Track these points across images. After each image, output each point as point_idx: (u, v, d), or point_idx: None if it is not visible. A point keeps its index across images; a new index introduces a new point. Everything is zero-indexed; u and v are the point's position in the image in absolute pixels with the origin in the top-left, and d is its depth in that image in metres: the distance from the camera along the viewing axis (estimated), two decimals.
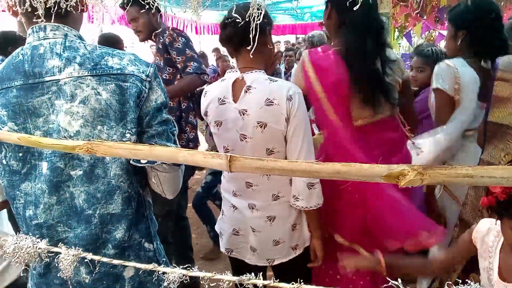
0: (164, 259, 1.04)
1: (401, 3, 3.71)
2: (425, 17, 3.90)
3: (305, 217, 1.40)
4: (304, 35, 7.18)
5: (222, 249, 1.50)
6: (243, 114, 1.28)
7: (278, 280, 0.69)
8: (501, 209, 0.98)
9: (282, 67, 5.41)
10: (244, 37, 1.24)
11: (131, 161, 0.90)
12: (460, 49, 1.69)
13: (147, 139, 0.93)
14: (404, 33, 4.36)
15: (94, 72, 0.87)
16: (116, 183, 0.90)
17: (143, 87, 0.90)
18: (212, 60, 6.24)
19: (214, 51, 6.56)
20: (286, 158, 1.31)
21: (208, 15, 7.21)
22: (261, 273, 0.74)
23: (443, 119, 1.64)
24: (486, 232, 1.12)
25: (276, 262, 1.39)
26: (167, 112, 0.97)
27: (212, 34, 8.15)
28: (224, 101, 1.32)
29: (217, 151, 1.43)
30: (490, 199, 0.99)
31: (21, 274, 1.35)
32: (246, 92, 1.28)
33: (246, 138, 1.30)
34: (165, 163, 0.92)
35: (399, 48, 5.15)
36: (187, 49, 2.06)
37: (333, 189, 1.45)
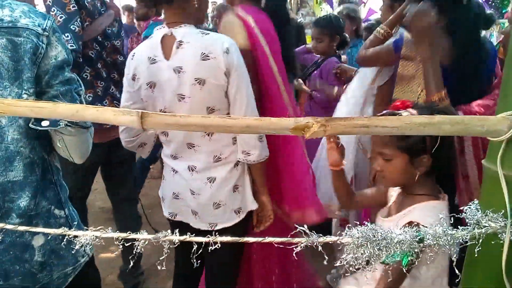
0: (78, 226, 1.01)
1: None
2: None
3: (247, 178, 1.40)
4: None
5: (166, 213, 1.47)
6: (179, 72, 1.21)
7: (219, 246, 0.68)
8: None
9: None
10: None
11: (30, 124, 0.84)
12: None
13: (47, 100, 0.87)
14: None
15: None
16: (15, 148, 0.84)
17: (40, 42, 0.83)
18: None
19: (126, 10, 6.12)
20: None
21: None
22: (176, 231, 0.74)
23: None
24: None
25: (219, 227, 1.37)
26: (69, 70, 0.91)
27: None
28: (155, 59, 1.24)
29: None
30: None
31: None
32: (178, 47, 1.21)
33: (184, 98, 1.24)
34: (70, 126, 0.87)
35: (321, 11, 5.30)
36: None
37: None
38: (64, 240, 0.95)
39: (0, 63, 0.80)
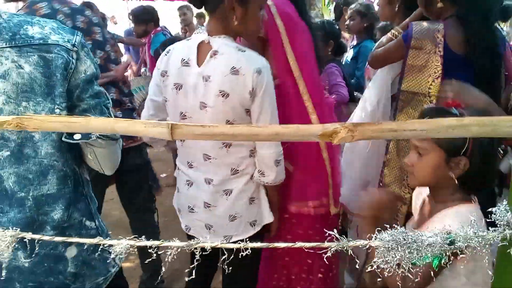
0: (108, 237, 1.04)
1: None
2: None
3: (263, 191, 1.41)
4: None
5: (182, 226, 1.49)
6: (206, 81, 1.23)
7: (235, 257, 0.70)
8: None
9: None
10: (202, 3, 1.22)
11: (63, 138, 0.87)
12: (396, 15, 1.79)
13: (79, 114, 0.90)
14: None
15: (14, 43, 0.82)
16: (49, 162, 0.87)
17: (70, 58, 0.86)
18: None
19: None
20: None
21: None
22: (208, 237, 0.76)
23: None
24: (417, 193, 1.25)
25: (233, 239, 1.38)
26: (98, 84, 0.94)
27: None
28: (188, 63, 1.26)
29: None
30: None
31: None
32: (212, 57, 1.23)
33: (206, 106, 1.25)
34: (101, 138, 0.90)
35: (329, 13, 5.30)
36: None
37: None
38: (96, 251, 0.98)
39: (33, 79, 0.83)
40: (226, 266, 0.73)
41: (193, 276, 1.65)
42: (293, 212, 1.59)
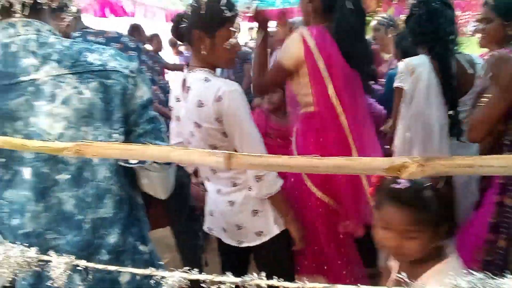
0: (159, 261, 1.03)
1: None
2: (396, 1, 3.98)
3: (268, 203, 1.45)
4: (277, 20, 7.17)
5: (205, 227, 1.62)
6: (187, 113, 1.39)
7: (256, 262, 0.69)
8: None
9: None
10: (178, 36, 1.38)
11: (120, 162, 0.88)
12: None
13: (134, 139, 0.91)
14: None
15: (74, 69, 0.84)
16: (106, 186, 0.89)
17: (128, 84, 0.88)
18: None
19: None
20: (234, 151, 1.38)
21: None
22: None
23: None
24: None
25: (243, 245, 1.49)
26: (153, 108, 0.95)
27: None
28: (178, 98, 1.44)
29: None
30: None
31: (7, 284, 1.32)
32: (187, 92, 1.37)
33: (193, 135, 1.41)
34: (156, 162, 0.90)
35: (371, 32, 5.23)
36: None
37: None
38: (148, 276, 0.98)
39: (93, 105, 0.85)
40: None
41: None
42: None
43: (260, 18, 1.67)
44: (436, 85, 1.64)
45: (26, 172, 0.86)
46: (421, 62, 1.67)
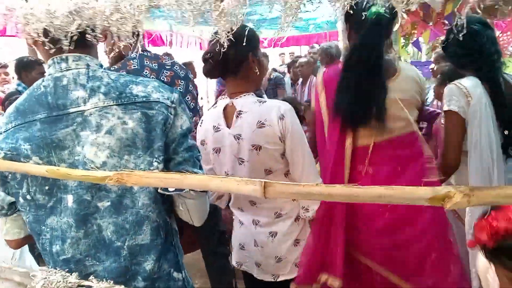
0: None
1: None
2: (431, 24, 3.93)
3: (308, 232, 1.43)
4: (308, 46, 7.25)
5: (233, 262, 1.56)
6: (238, 139, 1.34)
7: None
8: (491, 255, 0.94)
9: (288, 79, 5.40)
10: (225, 68, 1.33)
11: (159, 190, 0.90)
12: None
13: (173, 167, 0.93)
14: (412, 41, 4.38)
15: (120, 101, 0.88)
16: (145, 213, 0.90)
17: (169, 114, 0.90)
18: None
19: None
20: (287, 174, 1.37)
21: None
22: None
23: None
24: (485, 270, 1.08)
25: (280, 278, 1.43)
26: (191, 138, 0.96)
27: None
28: (219, 128, 1.38)
29: None
30: (477, 243, 0.95)
31: None
32: (237, 117, 1.33)
33: (244, 161, 1.35)
34: (193, 190, 0.91)
35: (407, 54, 5.17)
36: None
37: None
38: None
39: (136, 134, 0.87)
40: None
41: None
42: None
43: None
44: (489, 106, 1.59)
45: (69, 199, 0.89)
46: (474, 84, 1.61)
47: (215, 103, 1.49)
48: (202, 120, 1.46)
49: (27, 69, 2.77)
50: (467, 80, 1.61)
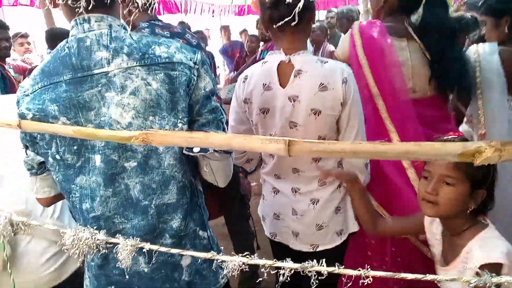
0: (218, 247, 1.06)
1: None
2: None
3: (349, 201, 1.38)
4: (324, 10, 7.09)
5: (267, 233, 1.50)
6: (294, 101, 1.22)
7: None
8: None
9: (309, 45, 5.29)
10: (297, 15, 1.16)
11: (184, 151, 0.91)
12: (508, 38, 1.66)
13: (197, 128, 0.94)
14: None
15: (143, 62, 0.88)
16: (171, 173, 0.92)
17: (192, 75, 0.90)
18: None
19: (242, 33, 6.53)
20: None
21: None
22: (314, 260, 0.74)
23: None
24: (431, 221, 1.16)
25: (320, 248, 1.38)
26: (215, 99, 0.96)
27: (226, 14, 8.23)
28: (270, 86, 1.26)
29: None
30: None
31: (80, 265, 1.42)
32: (296, 76, 1.21)
33: (296, 126, 1.25)
34: (217, 151, 0.92)
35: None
36: None
37: None
38: (208, 261, 1.01)
39: (160, 95, 0.88)
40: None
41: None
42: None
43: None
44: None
45: (97, 159, 0.92)
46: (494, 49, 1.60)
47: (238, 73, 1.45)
48: (245, 76, 1.33)
49: (58, 39, 2.81)
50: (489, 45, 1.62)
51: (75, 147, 0.91)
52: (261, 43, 4.07)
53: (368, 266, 0.70)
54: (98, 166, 0.91)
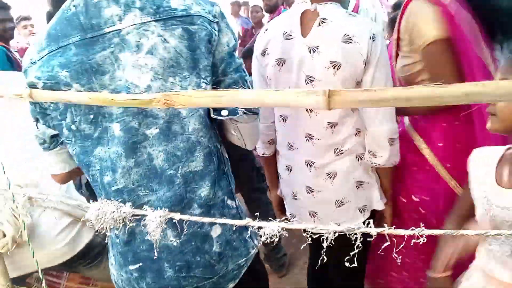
0: (246, 216, 1.01)
1: None
2: None
3: (373, 175, 1.29)
4: None
5: (287, 214, 1.44)
6: (313, 52, 1.14)
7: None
8: None
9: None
10: None
11: (212, 115, 0.85)
12: None
13: (224, 89, 0.86)
14: None
15: (158, 16, 0.81)
16: (196, 138, 0.86)
17: (213, 30, 0.83)
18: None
19: (233, 5, 6.31)
20: (354, 110, 1.20)
21: None
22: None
23: None
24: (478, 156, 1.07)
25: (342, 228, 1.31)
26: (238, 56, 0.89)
27: None
28: (291, 35, 1.17)
29: None
30: None
31: (93, 237, 1.39)
32: (320, 25, 1.13)
33: (313, 80, 1.16)
34: (245, 113, 0.85)
35: None
36: None
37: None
38: (238, 231, 0.96)
39: (179, 53, 0.81)
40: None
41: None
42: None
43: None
44: None
45: (115, 128, 0.86)
46: None
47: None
48: (266, 28, 1.26)
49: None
50: None
51: (91, 116, 0.85)
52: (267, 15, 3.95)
53: (423, 225, 0.64)
54: (118, 135, 0.85)
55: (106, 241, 0.99)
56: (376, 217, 1.34)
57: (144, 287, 0.95)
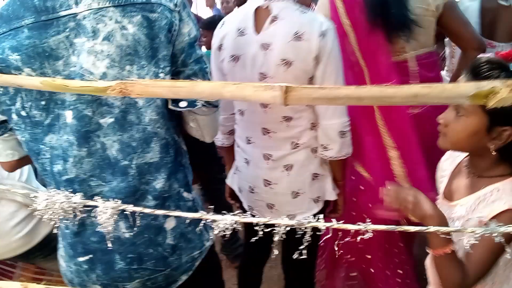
0: (203, 209, 1.01)
1: None
2: None
3: (327, 167, 1.35)
4: None
5: (245, 206, 1.47)
6: (266, 49, 1.16)
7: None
8: None
9: None
10: None
11: (169, 106, 0.84)
12: None
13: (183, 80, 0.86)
14: None
15: (116, 2, 0.79)
16: (153, 129, 0.85)
17: (173, 19, 0.82)
18: None
19: None
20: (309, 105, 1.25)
21: None
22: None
23: None
24: (447, 157, 1.13)
25: (297, 218, 1.33)
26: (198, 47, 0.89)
27: None
28: (244, 32, 1.20)
29: None
30: None
31: (53, 229, 1.35)
32: (272, 22, 1.15)
33: (266, 77, 1.19)
34: (204, 105, 0.85)
35: None
36: None
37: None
38: (193, 224, 0.96)
39: (137, 41, 0.80)
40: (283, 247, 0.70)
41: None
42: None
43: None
44: None
45: (68, 116, 0.84)
46: None
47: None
48: (223, 22, 1.27)
49: None
50: None
51: (43, 102, 0.82)
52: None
53: (369, 220, 0.66)
54: (70, 123, 0.83)
55: None
56: (328, 206, 1.41)
57: (94, 279, 0.93)
